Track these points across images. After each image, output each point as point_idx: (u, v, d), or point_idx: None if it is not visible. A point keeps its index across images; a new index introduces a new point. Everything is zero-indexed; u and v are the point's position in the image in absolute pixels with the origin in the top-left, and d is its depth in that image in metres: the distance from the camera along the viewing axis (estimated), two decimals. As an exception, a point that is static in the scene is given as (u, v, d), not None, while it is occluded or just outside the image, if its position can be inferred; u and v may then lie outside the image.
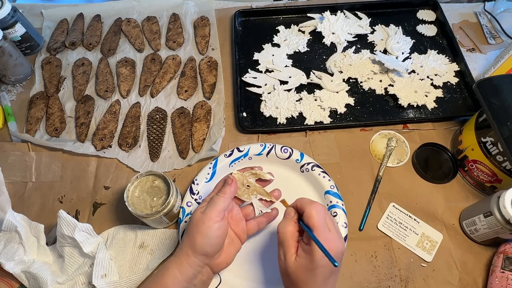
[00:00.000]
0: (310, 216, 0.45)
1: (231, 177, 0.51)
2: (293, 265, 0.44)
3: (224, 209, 0.49)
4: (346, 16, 0.86)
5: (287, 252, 0.45)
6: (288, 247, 0.45)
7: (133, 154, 0.70)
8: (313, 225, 0.44)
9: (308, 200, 0.47)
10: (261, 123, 0.73)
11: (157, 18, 0.88)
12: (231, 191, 0.50)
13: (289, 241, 0.46)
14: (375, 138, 0.71)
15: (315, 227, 0.44)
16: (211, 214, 0.47)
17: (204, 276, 0.49)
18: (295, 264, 0.44)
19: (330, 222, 0.46)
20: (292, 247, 0.45)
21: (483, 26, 0.86)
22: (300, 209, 0.47)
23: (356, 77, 0.77)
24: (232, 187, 0.50)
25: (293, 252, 0.45)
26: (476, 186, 0.65)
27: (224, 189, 0.50)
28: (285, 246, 0.46)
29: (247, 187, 0.55)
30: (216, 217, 0.47)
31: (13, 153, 0.70)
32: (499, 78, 0.63)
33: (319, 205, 0.46)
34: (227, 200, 0.49)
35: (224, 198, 0.49)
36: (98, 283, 0.55)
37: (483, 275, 0.58)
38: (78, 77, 0.79)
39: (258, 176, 0.56)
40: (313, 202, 0.46)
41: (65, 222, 0.55)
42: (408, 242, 0.61)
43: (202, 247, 0.47)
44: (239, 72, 0.78)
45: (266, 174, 0.56)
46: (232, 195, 0.51)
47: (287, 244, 0.45)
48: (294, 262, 0.44)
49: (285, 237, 0.46)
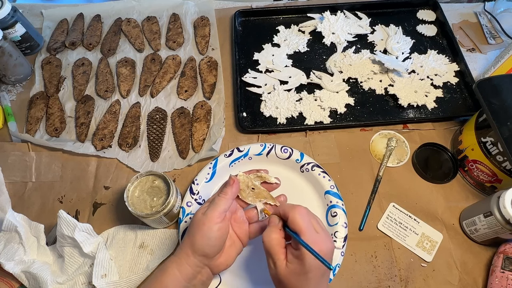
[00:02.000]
0: (294, 221, 0.44)
1: (233, 177, 0.51)
2: (285, 272, 0.44)
3: (225, 210, 0.48)
4: (346, 16, 0.86)
5: (276, 260, 0.45)
6: (276, 255, 0.45)
7: (133, 154, 0.70)
8: (299, 229, 0.43)
9: (290, 205, 0.47)
10: (261, 123, 0.73)
11: (157, 18, 0.88)
12: (233, 192, 0.50)
13: (276, 248, 0.45)
14: (375, 138, 0.71)
15: (302, 231, 0.43)
16: (212, 215, 0.47)
17: (204, 277, 0.49)
18: (286, 271, 0.44)
19: (316, 223, 0.45)
20: (280, 254, 0.45)
21: (483, 26, 0.86)
22: (284, 215, 0.46)
23: (356, 77, 0.77)
24: (233, 188, 0.50)
25: (283, 259, 0.44)
26: (476, 186, 0.65)
27: (225, 190, 0.49)
28: (272, 254, 0.45)
29: (252, 190, 0.54)
30: (216, 218, 0.47)
31: (13, 153, 0.70)
32: (499, 78, 0.63)
33: (302, 208, 0.46)
34: (228, 201, 0.49)
35: (225, 199, 0.49)
36: (98, 283, 0.55)
37: (483, 275, 0.58)
38: (78, 77, 0.79)
39: (263, 179, 0.55)
40: (295, 207, 0.46)
41: (65, 222, 0.55)
42: (408, 242, 0.61)
43: (201, 247, 0.47)
44: (239, 72, 0.78)
45: (272, 178, 0.56)
46: (234, 196, 0.50)
47: (275, 251, 0.45)
48: (285, 269, 0.44)
49: (271, 245, 0.45)
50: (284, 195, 0.56)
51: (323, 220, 0.61)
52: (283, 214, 0.46)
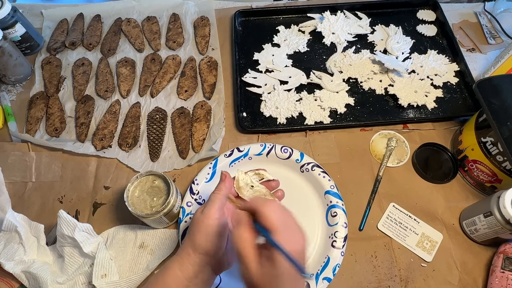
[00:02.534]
0: (265, 217, 0.39)
1: (225, 172, 0.51)
2: (258, 275, 0.39)
3: (221, 206, 0.49)
4: (346, 16, 0.86)
5: (248, 262, 0.39)
6: (247, 257, 0.39)
7: (133, 154, 0.70)
8: (270, 227, 0.39)
9: (261, 200, 0.42)
10: (261, 123, 0.73)
11: (157, 18, 0.88)
12: (226, 187, 0.50)
13: (247, 249, 0.39)
14: (375, 138, 0.71)
15: (273, 229, 0.38)
16: (209, 212, 0.48)
17: (205, 276, 0.49)
18: (259, 273, 0.38)
19: (289, 219, 0.41)
20: (252, 255, 0.39)
21: (483, 26, 0.86)
22: (254, 210, 0.41)
23: (356, 77, 0.77)
24: (226, 183, 0.50)
25: (256, 261, 0.39)
26: (476, 186, 0.65)
27: (219, 186, 0.50)
28: (243, 256, 0.39)
29: (251, 187, 0.55)
30: (214, 215, 0.47)
31: (13, 153, 0.70)
32: (499, 78, 0.63)
33: (274, 203, 0.41)
34: (224, 197, 0.49)
35: (220, 195, 0.49)
36: (98, 283, 0.55)
37: (483, 275, 0.58)
38: (78, 77, 0.79)
39: (261, 176, 0.56)
40: (266, 201, 0.41)
41: (65, 222, 0.55)
42: (408, 242, 0.61)
43: (202, 245, 0.47)
44: (239, 72, 0.78)
45: (269, 175, 0.56)
46: (228, 190, 0.50)
47: (246, 253, 0.39)
48: (258, 271, 0.39)
49: (241, 246, 0.40)
50: (281, 190, 0.57)
51: (323, 220, 0.61)
52: (253, 210, 0.41)
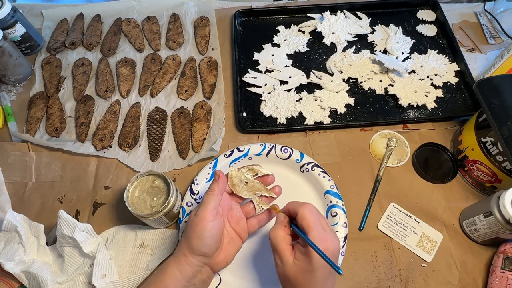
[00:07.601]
0: (303, 217, 0.44)
1: (218, 172, 0.51)
2: (292, 269, 0.44)
3: (215, 207, 0.48)
4: (346, 16, 0.86)
5: (283, 256, 0.45)
6: (282, 252, 0.45)
7: (133, 154, 0.70)
8: (307, 226, 0.44)
9: (298, 202, 0.47)
10: (261, 123, 0.73)
11: (157, 18, 0.88)
12: (220, 187, 0.49)
13: (282, 245, 0.45)
14: (375, 138, 0.71)
15: (310, 227, 0.43)
16: (203, 214, 0.47)
17: (204, 275, 0.49)
18: (293, 268, 0.44)
19: (324, 221, 0.46)
20: (286, 251, 0.45)
21: (483, 26, 0.86)
22: (293, 212, 0.47)
23: (356, 77, 0.77)
24: (220, 183, 0.49)
25: (289, 256, 0.45)
26: (476, 186, 0.65)
27: (212, 187, 0.49)
28: (279, 251, 0.45)
29: (245, 183, 0.54)
30: (208, 216, 0.47)
31: (13, 153, 0.70)
32: (499, 78, 0.63)
33: (310, 206, 0.46)
34: (217, 197, 0.49)
35: (213, 195, 0.48)
36: (98, 283, 0.55)
37: (483, 275, 0.58)
38: (78, 77, 0.79)
39: (255, 172, 0.56)
40: (304, 204, 0.46)
41: (65, 222, 0.55)
42: (408, 242, 0.61)
43: (198, 248, 0.47)
44: (239, 72, 0.78)
45: (263, 169, 0.56)
46: (222, 190, 0.50)
47: (281, 248, 0.45)
48: (293, 266, 0.44)
49: (277, 242, 0.45)
50: (279, 186, 0.56)
51: (323, 220, 0.61)
52: (292, 211, 0.47)
